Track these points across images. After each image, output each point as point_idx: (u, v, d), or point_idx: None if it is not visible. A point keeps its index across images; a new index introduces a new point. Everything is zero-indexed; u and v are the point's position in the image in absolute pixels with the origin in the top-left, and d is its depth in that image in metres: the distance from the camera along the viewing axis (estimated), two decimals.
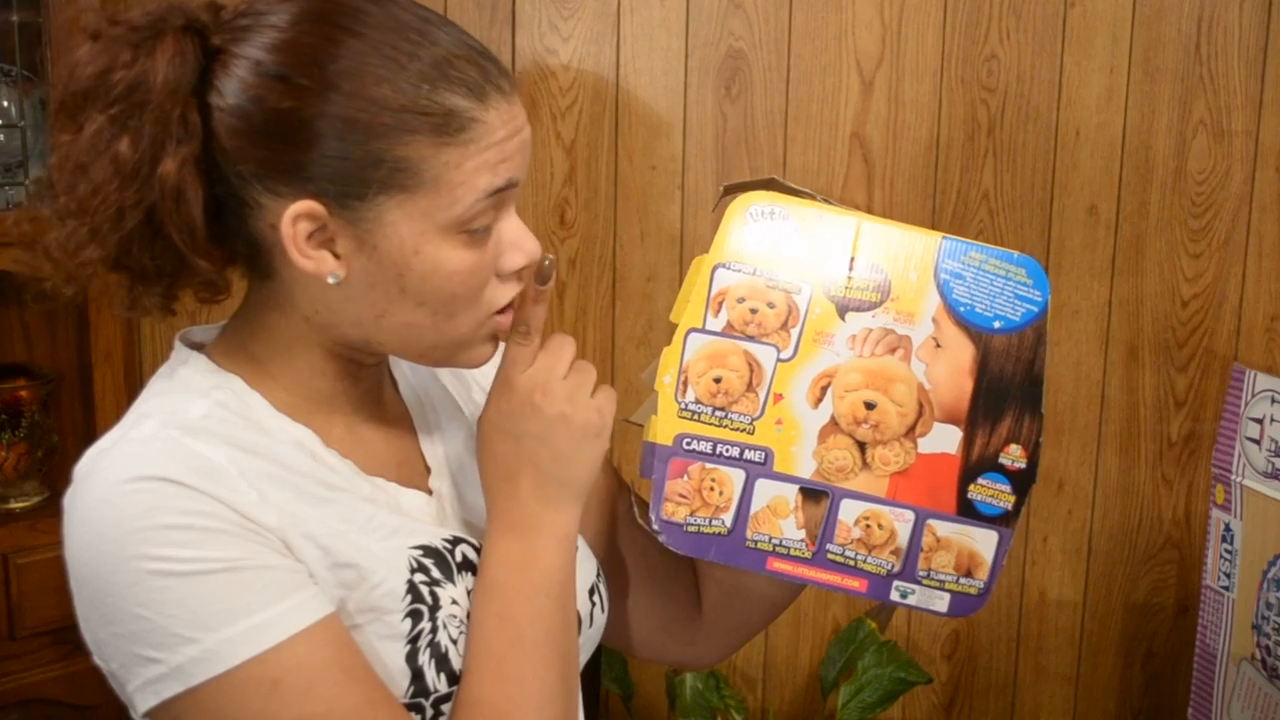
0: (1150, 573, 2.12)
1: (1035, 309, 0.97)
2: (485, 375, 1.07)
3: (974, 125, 1.96)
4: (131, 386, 1.71)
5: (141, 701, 0.78)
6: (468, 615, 0.88)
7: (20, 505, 1.71)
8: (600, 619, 1.01)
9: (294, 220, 0.82)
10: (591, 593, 0.99)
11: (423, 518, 0.92)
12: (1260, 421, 1.74)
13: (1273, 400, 1.72)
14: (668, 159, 1.93)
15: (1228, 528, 1.80)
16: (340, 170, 0.81)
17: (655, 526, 0.96)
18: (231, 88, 0.82)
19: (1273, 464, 1.72)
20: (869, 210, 1.96)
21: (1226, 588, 1.80)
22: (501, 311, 0.89)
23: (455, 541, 0.90)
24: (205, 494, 0.78)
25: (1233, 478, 1.79)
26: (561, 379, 0.89)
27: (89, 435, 0.83)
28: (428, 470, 0.96)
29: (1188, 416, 2.07)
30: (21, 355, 1.77)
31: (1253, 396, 1.76)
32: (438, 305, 0.85)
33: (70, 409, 1.79)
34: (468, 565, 0.90)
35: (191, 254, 0.83)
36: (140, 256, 0.84)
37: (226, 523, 0.78)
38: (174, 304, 0.89)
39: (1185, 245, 2.02)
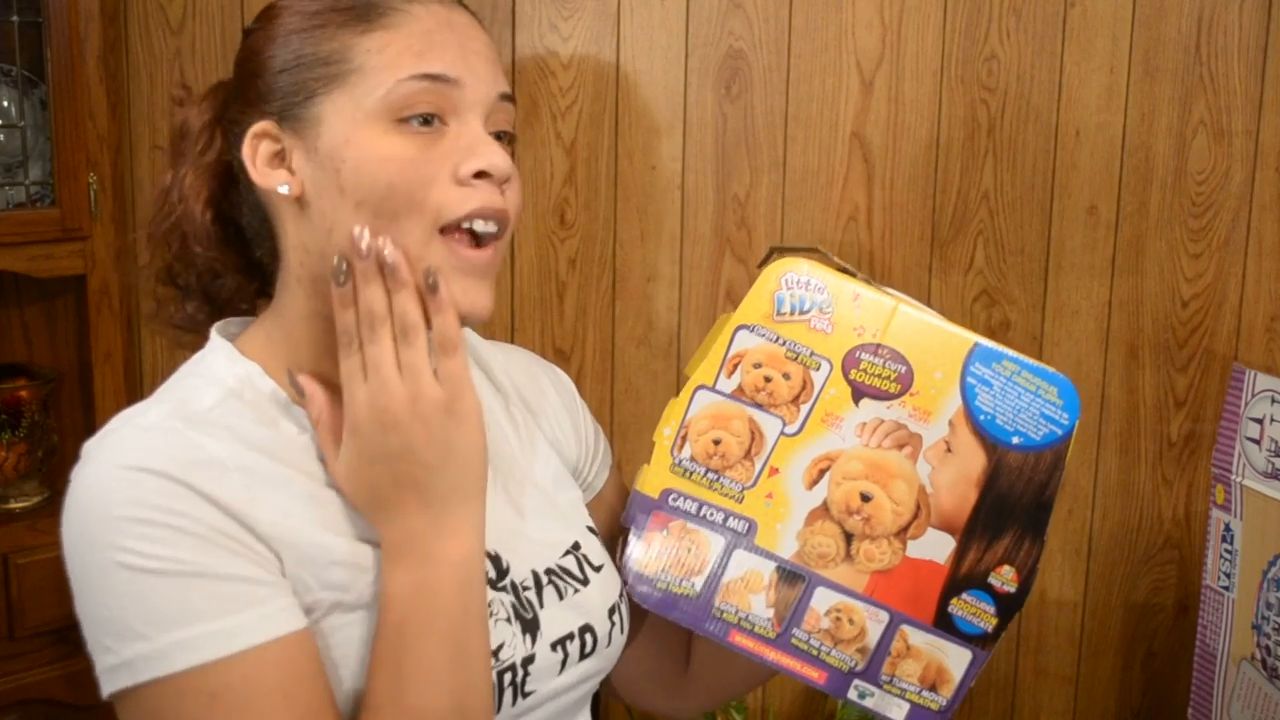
0: (1150, 573, 2.12)
1: (1060, 431, 0.93)
2: (524, 377, 1.08)
3: (974, 125, 1.96)
4: (131, 387, 1.70)
5: (102, 684, 0.80)
6: None
7: (20, 505, 1.71)
8: (619, 639, 0.99)
9: (252, 139, 0.88)
10: (612, 612, 0.97)
11: None
12: (1260, 421, 1.74)
13: (1273, 400, 1.72)
14: (668, 159, 1.93)
15: (1228, 528, 1.80)
16: (285, 84, 0.86)
17: (628, 578, 0.95)
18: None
19: (1273, 464, 1.72)
20: (871, 210, 1.97)
21: (1226, 588, 1.80)
22: (467, 241, 0.85)
23: None
24: (192, 491, 0.79)
25: (1233, 478, 1.79)
26: (397, 380, 0.81)
27: (89, 435, 0.84)
28: None
29: (1188, 416, 2.07)
30: (21, 355, 1.77)
31: (1253, 396, 1.76)
32: (376, 203, 0.83)
33: (70, 409, 1.79)
34: None
35: (195, 245, 0.91)
36: (178, 267, 0.95)
37: (204, 526, 0.78)
38: (218, 317, 0.97)
39: (1185, 245, 2.02)
